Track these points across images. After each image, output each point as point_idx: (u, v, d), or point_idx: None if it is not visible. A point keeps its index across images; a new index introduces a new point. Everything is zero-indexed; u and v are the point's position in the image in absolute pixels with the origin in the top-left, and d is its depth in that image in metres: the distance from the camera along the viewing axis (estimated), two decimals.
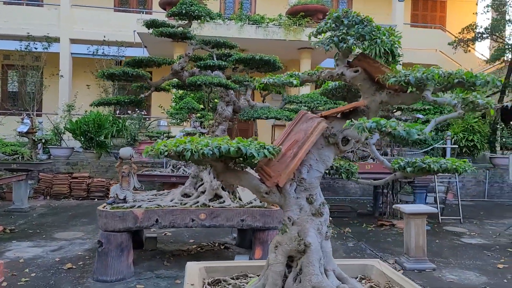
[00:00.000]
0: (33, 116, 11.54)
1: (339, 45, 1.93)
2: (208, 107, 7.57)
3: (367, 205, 9.80)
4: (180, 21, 5.14)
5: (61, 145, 10.89)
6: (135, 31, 11.52)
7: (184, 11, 4.71)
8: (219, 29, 11.73)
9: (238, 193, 5.07)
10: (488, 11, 13.81)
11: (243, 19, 11.84)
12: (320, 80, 2.12)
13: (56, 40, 13.01)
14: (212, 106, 7.35)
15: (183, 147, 1.66)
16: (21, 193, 7.98)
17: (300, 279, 1.89)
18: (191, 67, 5.16)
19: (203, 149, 1.64)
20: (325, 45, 1.97)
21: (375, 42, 1.88)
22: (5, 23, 13.06)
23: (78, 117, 10.94)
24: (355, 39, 1.88)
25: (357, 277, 2.37)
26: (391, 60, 8.47)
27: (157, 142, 1.81)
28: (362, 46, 2.00)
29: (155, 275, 4.63)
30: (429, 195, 8.89)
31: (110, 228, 4.42)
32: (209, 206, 4.73)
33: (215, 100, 7.27)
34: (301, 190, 1.98)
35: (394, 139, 1.54)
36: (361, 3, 16.12)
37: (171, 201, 4.90)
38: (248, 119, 4.68)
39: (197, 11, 4.70)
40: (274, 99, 12.03)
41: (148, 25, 4.95)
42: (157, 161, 9.60)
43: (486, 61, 13.85)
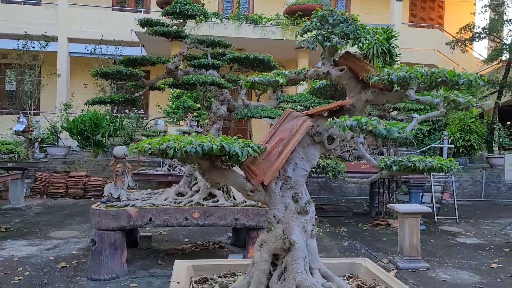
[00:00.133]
0: (30, 115, 11.52)
1: (323, 44, 1.93)
2: (203, 106, 7.58)
3: (363, 204, 9.81)
4: (175, 20, 5.15)
5: (58, 144, 10.89)
6: (132, 30, 11.52)
7: (178, 10, 4.71)
8: (216, 28, 11.73)
9: (232, 192, 5.07)
10: (486, 11, 13.82)
11: (240, 18, 11.84)
12: (307, 78, 2.13)
13: (54, 39, 13.00)
14: (207, 105, 7.36)
15: (166, 145, 1.66)
16: (17, 192, 7.98)
17: (284, 277, 1.89)
18: (185, 66, 5.16)
19: (186, 147, 1.64)
20: (310, 43, 1.98)
21: (359, 41, 1.89)
22: (3, 22, 13.06)
23: (75, 116, 10.94)
24: (339, 37, 1.89)
25: (345, 276, 2.38)
26: (388, 59, 8.46)
27: (142, 140, 1.81)
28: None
29: (148, 273, 4.63)
30: (425, 195, 8.90)
31: (103, 226, 4.42)
32: (203, 205, 4.73)
33: (211, 99, 7.27)
34: (286, 189, 1.98)
35: (375, 138, 1.55)
36: (359, 3, 16.14)
37: (165, 200, 4.91)
38: (241, 118, 4.68)
39: (191, 10, 4.71)
40: (272, 98, 12.04)
41: (143, 24, 4.96)
42: (154, 160, 9.60)
43: (484, 61, 13.86)
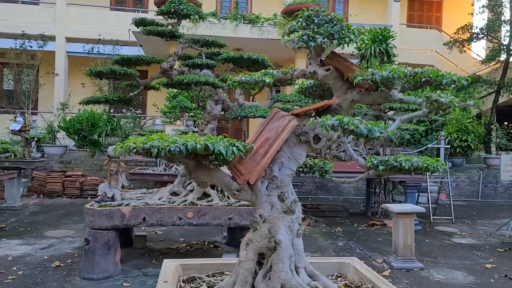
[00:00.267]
0: (27, 115, 11.53)
1: (308, 44, 1.94)
2: (199, 105, 7.58)
3: (360, 204, 9.82)
4: (170, 19, 5.15)
5: (55, 144, 10.89)
6: (130, 30, 11.51)
7: (173, 10, 4.71)
8: (214, 28, 11.73)
9: None
10: (483, 12, 13.82)
11: (238, 18, 11.85)
12: (294, 78, 2.13)
13: (52, 38, 12.99)
14: (202, 105, 7.36)
15: (150, 144, 1.66)
16: (14, 191, 7.98)
17: (269, 276, 1.90)
18: (180, 66, 5.17)
19: (169, 146, 1.64)
20: (295, 43, 1.98)
21: (344, 41, 1.89)
22: (0, 21, 13.04)
23: (72, 116, 10.93)
24: (324, 37, 1.89)
25: (333, 275, 2.38)
26: (386, 60, 8.44)
27: (129, 139, 1.82)
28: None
29: (142, 273, 4.64)
30: (422, 195, 8.91)
31: (97, 226, 4.43)
32: (196, 205, 4.73)
33: (206, 99, 7.28)
34: (272, 188, 1.99)
35: (357, 137, 1.55)
36: (357, 3, 16.14)
37: (160, 199, 4.91)
38: (235, 118, 4.69)
39: (185, 9, 4.71)
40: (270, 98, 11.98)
41: (138, 23, 4.96)
42: (151, 159, 9.60)
43: (482, 62, 13.87)
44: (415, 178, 7.34)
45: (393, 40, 9.77)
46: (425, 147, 10.49)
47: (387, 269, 5.04)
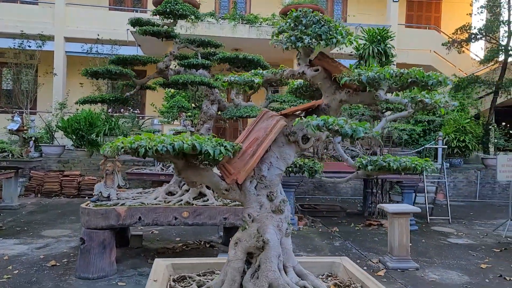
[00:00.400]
0: (25, 114, 11.53)
1: (296, 44, 1.95)
2: (195, 105, 7.61)
3: (357, 205, 9.83)
4: (166, 19, 5.16)
5: (53, 143, 10.90)
6: (128, 29, 11.51)
7: (169, 10, 4.72)
8: (212, 28, 11.74)
9: None
10: (482, 12, 13.86)
11: (236, 18, 11.86)
12: (283, 78, 2.14)
13: (51, 38, 13.00)
14: (198, 105, 7.38)
15: (138, 144, 1.68)
16: (11, 191, 7.99)
17: (257, 275, 1.91)
18: (175, 66, 5.18)
19: (157, 146, 1.66)
20: (284, 44, 1.99)
21: (331, 42, 1.91)
22: None
23: (70, 115, 10.94)
24: (311, 38, 1.90)
25: (324, 275, 2.39)
26: (384, 60, 8.47)
27: (117, 139, 1.83)
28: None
29: (137, 272, 4.64)
30: (419, 195, 8.93)
31: (92, 225, 4.44)
32: (192, 204, 4.74)
33: (202, 99, 7.29)
34: (261, 188, 2.00)
35: (342, 137, 1.56)
36: (356, 3, 16.15)
37: (155, 199, 4.92)
38: (231, 118, 4.70)
39: (181, 10, 4.72)
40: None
41: (133, 23, 4.97)
42: (148, 159, 9.61)
43: (480, 62, 13.88)
44: (412, 178, 7.34)
45: (391, 40, 9.79)
46: (423, 147, 10.50)
47: (382, 269, 5.05)
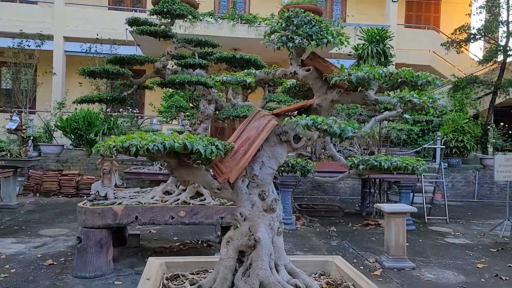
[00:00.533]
0: (24, 113, 11.54)
1: (287, 44, 1.96)
2: (193, 105, 7.62)
3: (355, 204, 9.84)
4: (164, 19, 5.17)
5: (52, 143, 10.91)
6: (127, 29, 11.50)
7: (166, 10, 4.74)
8: (211, 28, 11.75)
9: None
10: (481, 13, 13.87)
11: (235, 18, 11.87)
12: (276, 78, 2.16)
13: (50, 37, 13.01)
14: (196, 105, 7.40)
15: (129, 143, 1.69)
16: (9, 190, 8.01)
17: (249, 274, 1.92)
18: (172, 66, 5.19)
19: (148, 145, 1.67)
20: (275, 44, 2.01)
21: (322, 42, 1.92)
22: None
23: (69, 115, 10.96)
24: (302, 38, 1.92)
25: (317, 273, 2.41)
26: (383, 60, 8.46)
27: (110, 138, 1.84)
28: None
29: (134, 271, 4.66)
30: (417, 195, 8.94)
31: (89, 224, 4.45)
32: (189, 204, 4.76)
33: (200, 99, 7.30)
34: (253, 187, 2.01)
35: (331, 136, 1.58)
36: (355, 3, 16.16)
37: (152, 198, 4.94)
38: (227, 117, 4.71)
39: (178, 9, 4.73)
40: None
41: (131, 23, 4.98)
42: (148, 159, 9.62)
43: (479, 62, 13.90)
44: (410, 178, 7.35)
45: (390, 40, 9.80)
46: (421, 147, 10.51)
47: (378, 268, 5.06)
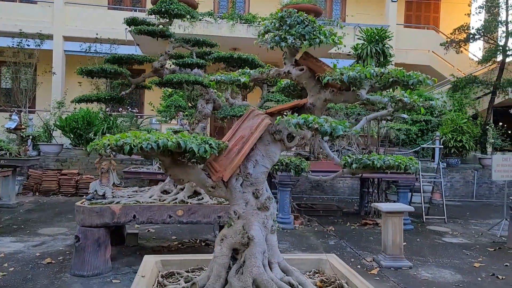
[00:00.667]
0: (24, 113, 11.56)
1: (280, 44, 1.98)
2: (191, 105, 7.62)
3: (354, 204, 9.86)
4: (162, 19, 5.19)
5: (51, 142, 10.93)
6: (126, 29, 11.52)
7: (164, 9, 4.75)
8: (210, 28, 11.77)
9: None
10: (480, 12, 13.87)
11: (234, 18, 11.89)
12: (270, 78, 2.17)
13: (49, 37, 13.03)
14: (193, 104, 7.42)
15: (123, 141, 1.71)
16: (9, 189, 8.02)
17: (242, 271, 1.94)
18: (170, 65, 5.21)
19: (141, 143, 1.69)
20: (268, 43, 2.03)
21: (315, 41, 1.94)
22: None
23: (69, 114, 10.97)
24: (295, 38, 1.93)
25: (311, 271, 2.42)
26: (382, 60, 8.49)
27: (105, 136, 1.86)
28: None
29: (132, 270, 4.67)
30: (416, 195, 8.96)
31: (87, 223, 4.47)
32: (187, 203, 4.77)
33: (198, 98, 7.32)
34: (247, 185, 2.03)
35: (322, 135, 1.59)
36: (355, 3, 16.16)
37: (150, 197, 4.95)
38: (225, 117, 4.73)
39: (176, 9, 4.75)
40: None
41: (129, 22, 5.00)
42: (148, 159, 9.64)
43: (478, 62, 13.91)
44: (408, 178, 7.37)
45: (389, 40, 9.81)
46: (419, 147, 10.53)
47: (376, 267, 5.08)
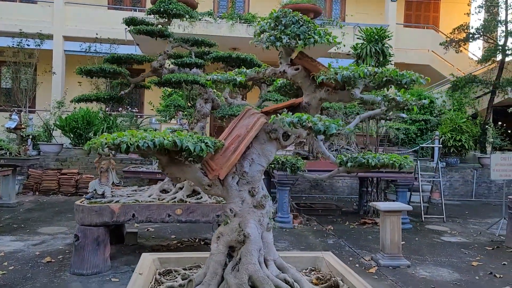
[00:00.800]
0: (24, 113, 11.58)
1: (275, 44, 2.00)
2: (190, 104, 7.65)
3: (353, 203, 9.88)
4: (161, 19, 5.21)
5: (51, 142, 10.96)
6: (126, 28, 11.53)
7: (162, 9, 4.77)
8: (210, 27, 11.79)
9: None
10: (480, 12, 13.88)
11: (234, 18, 11.90)
12: (266, 77, 2.20)
13: (49, 37, 13.05)
14: (192, 104, 7.45)
15: (120, 140, 1.73)
16: (9, 189, 8.05)
17: (238, 268, 1.96)
18: (169, 65, 5.23)
19: (138, 142, 1.71)
20: (264, 43, 2.05)
21: (309, 41, 1.96)
22: None
23: (69, 114, 11.00)
24: (290, 38, 1.96)
25: (307, 269, 2.45)
26: (382, 59, 8.51)
27: (102, 135, 1.88)
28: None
29: (131, 269, 4.69)
30: (415, 194, 8.98)
31: (86, 222, 4.49)
32: (185, 202, 4.80)
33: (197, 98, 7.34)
34: (243, 183, 2.05)
35: (315, 134, 1.61)
36: (355, 2, 16.18)
37: (149, 196, 4.98)
38: (223, 116, 4.75)
39: (175, 9, 4.77)
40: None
41: (128, 22, 5.02)
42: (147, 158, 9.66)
43: (478, 62, 13.92)
44: (406, 177, 7.39)
45: (389, 40, 9.83)
46: (419, 146, 10.55)
47: (374, 266, 5.11)
